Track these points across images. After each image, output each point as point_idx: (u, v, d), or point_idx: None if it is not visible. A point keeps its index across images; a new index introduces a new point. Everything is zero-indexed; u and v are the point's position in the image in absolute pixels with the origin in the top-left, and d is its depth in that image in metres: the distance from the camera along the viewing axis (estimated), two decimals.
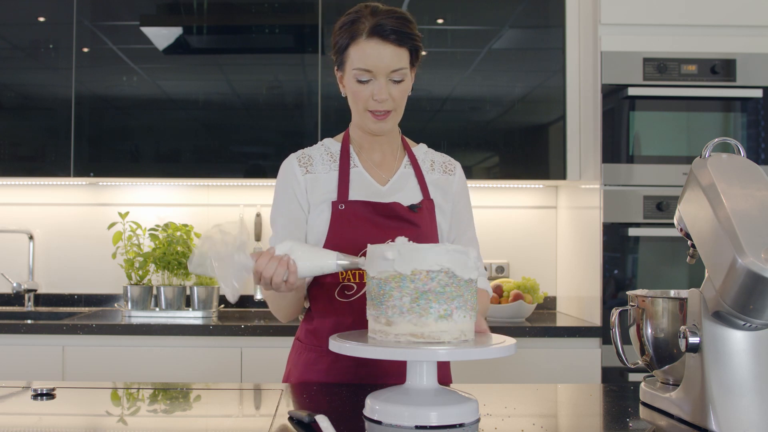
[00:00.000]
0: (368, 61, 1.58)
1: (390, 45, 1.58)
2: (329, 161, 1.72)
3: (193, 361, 2.76)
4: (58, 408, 1.48)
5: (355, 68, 1.60)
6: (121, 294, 3.34)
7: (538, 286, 3.05)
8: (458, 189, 1.79)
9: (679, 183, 2.82)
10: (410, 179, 1.74)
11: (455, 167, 1.81)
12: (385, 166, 1.75)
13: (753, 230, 1.18)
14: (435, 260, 1.28)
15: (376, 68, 1.59)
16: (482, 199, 3.43)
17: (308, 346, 1.72)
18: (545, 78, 3.10)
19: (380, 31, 1.57)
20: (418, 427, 1.25)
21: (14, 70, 3.11)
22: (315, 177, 1.70)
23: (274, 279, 1.41)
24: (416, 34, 1.62)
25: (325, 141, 1.78)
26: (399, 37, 1.58)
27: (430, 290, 1.28)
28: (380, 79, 1.60)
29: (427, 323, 1.28)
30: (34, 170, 3.12)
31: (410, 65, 1.64)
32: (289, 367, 1.77)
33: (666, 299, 1.40)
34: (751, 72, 2.88)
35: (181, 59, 3.15)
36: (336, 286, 1.66)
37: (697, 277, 2.84)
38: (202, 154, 3.09)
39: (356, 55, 1.60)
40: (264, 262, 1.42)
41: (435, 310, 1.28)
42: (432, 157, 1.81)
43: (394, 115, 1.66)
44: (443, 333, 1.28)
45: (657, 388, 1.43)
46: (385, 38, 1.57)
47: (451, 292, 1.29)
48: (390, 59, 1.59)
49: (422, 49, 1.67)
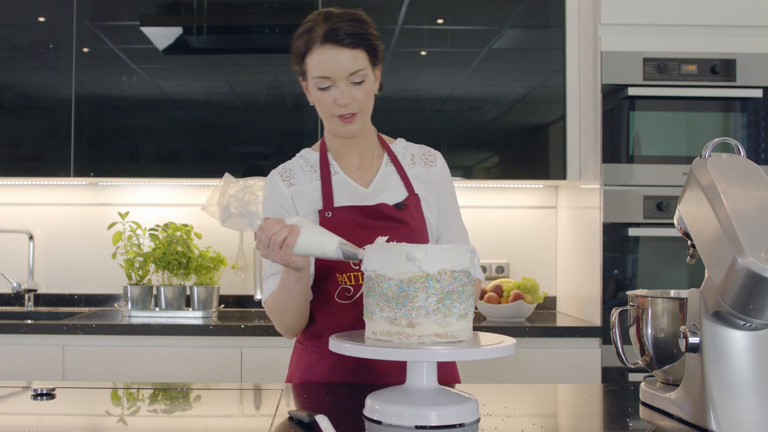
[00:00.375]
0: (325, 67, 1.59)
1: (345, 49, 1.58)
2: (310, 172, 1.73)
3: (193, 361, 2.76)
4: (58, 408, 1.48)
5: (314, 77, 1.61)
6: (121, 294, 3.34)
7: (538, 286, 3.05)
8: (441, 179, 1.79)
9: (679, 183, 2.82)
10: (393, 177, 1.74)
11: (435, 157, 1.80)
12: (366, 167, 1.75)
13: (753, 230, 1.18)
14: (459, 260, 1.29)
15: (334, 74, 1.59)
16: (482, 199, 3.43)
17: (309, 347, 1.72)
18: (545, 78, 3.10)
19: (334, 36, 1.58)
20: (418, 427, 1.25)
21: (14, 70, 3.11)
22: (299, 189, 1.71)
23: (274, 237, 1.42)
24: (371, 33, 1.63)
25: (303, 152, 1.78)
26: (353, 39, 1.59)
27: (453, 290, 1.29)
28: (340, 84, 1.60)
29: (451, 323, 1.29)
30: (34, 170, 3.12)
31: (371, 65, 1.64)
32: (291, 370, 1.78)
33: (666, 299, 1.40)
34: (751, 72, 2.88)
35: (181, 59, 3.15)
36: (336, 289, 1.66)
37: (697, 277, 2.84)
38: (202, 154, 3.09)
39: (313, 64, 1.60)
40: (271, 222, 1.44)
41: (457, 310, 1.30)
42: (411, 150, 1.80)
43: (361, 116, 1.66)
44: (461, 332, 1.31)
45: (657, 388, 1.43)
46: (339, 42, 1.58)
47: (468, 291, 1.32)
48: (347, 63, 1.59)
49: (381, 47, 1.66)
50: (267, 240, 1.43)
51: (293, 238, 1.42)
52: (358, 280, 1.64)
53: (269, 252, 1.44)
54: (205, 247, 3.23)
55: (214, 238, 3.30)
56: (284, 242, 1.42)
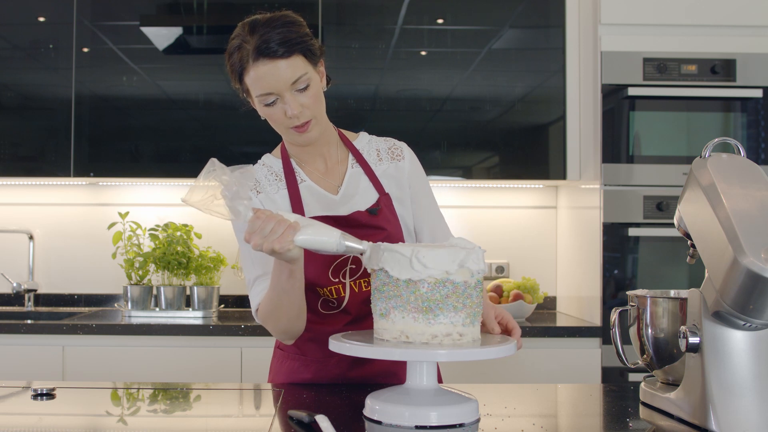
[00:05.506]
0: (264, 83, 1.49)
1: (280, 60, 1.48)
2: (275, 180, 1.65)
3: (193, 361, 2.76)
4: (58, 408, 1.48)
5: (257, 95, 1.52)
6: (121, 294, 3.34)
7: (538, 286, 3.05)
8: (411, 172, 1.71)
9: (679, 183, 2.82)
10: (361, 179, 1.67)
11: (402, 150, 1.72)
12: (331, 172, 1.68)
13: (753, 230, 1.18)
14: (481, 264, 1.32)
15: (276, 88, 1.49)
16: (482, 199, 3.43)
17: (290, 354, 1.70)
18: (545, 78, 3.10)
19: (265, 51, 1.47)
20: (418, 427, 1.25)
21: (14, 70, 3.11)
22: (267, 196, 1.63)
23: (275, 227, 1.32)
24: (303, 34, 1.52)
25: (265, 158, 1.70)
26: (286, 48, 1.48)
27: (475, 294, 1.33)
28: (285, 96, 1.50)
29: (473, 325, 1.33)
30: (34, 170, 3.12)
31: (311, 65, 1.54)
32: (272, 376, 1.76)
33: (666, 299, 1.40)
34: (751, 72, 2.88)
35: (181, 59, 3.15)
36: (317, 301, 1.63)
37: (697, 277, 2.84)
38: (202, 154, 3.09)
39: (252, 82, 1.51)
40: (266, 211, 1.35)
41: (477, 312, 1.34)
42: (377, 145, 1.72)
43: (315, 122, 1.56)
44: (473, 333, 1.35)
45: (657, 388, 1.43)
46: (271, 56, 1.47)
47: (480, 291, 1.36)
48: (285, 74, 1.49)
49: (316, 43, 1.56)
50: (264, 227, 1.32)
51: (291, 233, 1.33)
52: (340, 293, 1.61)
53: (265, 240, 1.32)
54: (205, 247, 3.23)
55: (214, 238, 3.30)
56: (287, 228, 1.32)
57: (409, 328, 1.28)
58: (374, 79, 3.08)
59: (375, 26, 3.08)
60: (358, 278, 1.61)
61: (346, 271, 1.60)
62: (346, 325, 1.63)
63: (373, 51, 3.07)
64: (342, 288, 1.61)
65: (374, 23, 3.08)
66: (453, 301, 1.27)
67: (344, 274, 1.60)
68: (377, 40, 3.07)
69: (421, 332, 1.27)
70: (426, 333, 1.27)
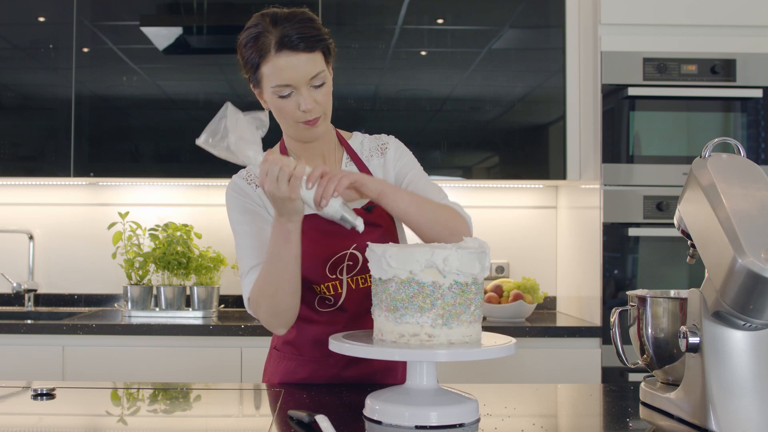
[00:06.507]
0: (285, 75, 1.51)
1: (302, 54, 1.51)
2: None
3: (193, 361, 2.76)
4: (58, 408, 1.48)
5: (273, 86, 1.53)
6: (121, 294, 3.34)
7: (538, 286, 3.05)
8: (395, 157, 1.72)
9: (679, 183, 2.82)
10: None
11: (387, 143, 1.74)
12: None
13: (753, 230, 1.18)
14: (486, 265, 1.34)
15: (295, 81, 1.52)
16: (482, 199, 3.43)
17: (287, 354, 1.71)
18: (545, 78, 3.10)
19: (288, 43, 1.49)
20: (418, 427, 1.25)
21: (14, 70, 3.11)
22: None
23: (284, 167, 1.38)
24: (323, 32, 1.55)
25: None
26: (309, 43, 1.51)
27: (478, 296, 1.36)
28: (302, 90, 1.53)
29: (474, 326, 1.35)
30: (34, 170, 3.12)
31: (326, 64, 1.57)
32: (267, 377, 1.76)
33: (666, 299, 1.40)
34: (751, 72, 2.88)
35: (181, 59, 3.15)
36: (314, 298, 1.64)
37: (697, 277, 2.84)
38: (202, 154, 3.07)
39: (271, 73, 1.52)
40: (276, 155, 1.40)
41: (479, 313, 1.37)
42: (369, 144, 1.74)
43: (324, 118, 1.60)
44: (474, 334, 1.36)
45: (657, 388, 1.43)
46: (294, 48, 1.50)
47: None
48: (306, 68, 1.51)
49: (333, 44, 1.59)
50: (276, 170, 1.37)
51: (301, 170, 1.38)
52: (337, 289, 1.62)
53: (277, 186, 1.38)
54: (205, 247, 3.23)
55: (214, 238, 3.30)
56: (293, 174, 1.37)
57: (383, 326, 1.31)
58: (374, 79, 3.08)
59: (375, 26, 3.08)
60: (355, 275, 1.62)
61: (343, 268, 1.61)
62: (344, 323, 1.64)
63: (373, 51, 3.07)
64: (339, 284, 1.61)
65: (374, 23, 3.08)
66: (419, 301, 1.26)
67: (341, 270, 1.61)
68: (377, 40, 3.07)
69: (391, 331, 1.30)
70: (394, 332, 1.29)
